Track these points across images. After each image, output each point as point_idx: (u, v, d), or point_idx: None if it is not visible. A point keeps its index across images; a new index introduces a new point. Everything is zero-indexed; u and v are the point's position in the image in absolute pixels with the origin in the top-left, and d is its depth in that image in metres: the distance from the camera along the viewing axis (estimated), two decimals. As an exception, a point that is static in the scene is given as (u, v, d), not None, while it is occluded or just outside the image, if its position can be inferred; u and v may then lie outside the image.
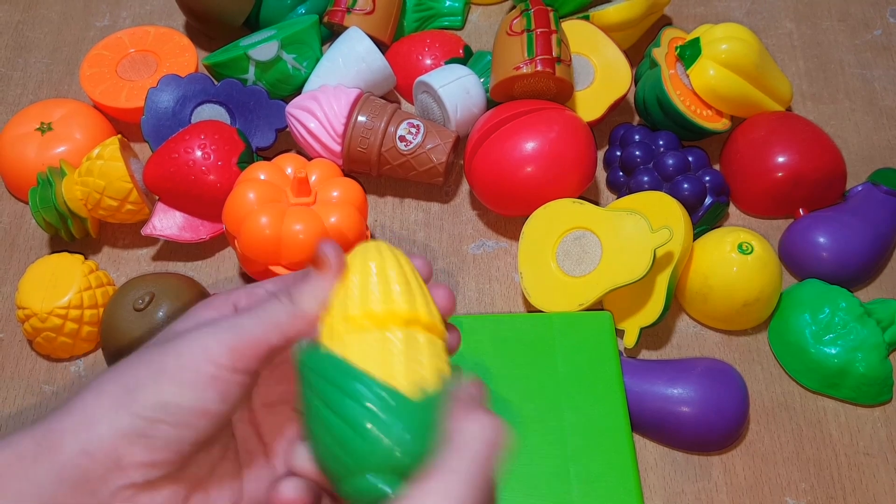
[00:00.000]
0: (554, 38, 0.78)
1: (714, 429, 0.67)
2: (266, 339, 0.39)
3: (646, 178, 0.79)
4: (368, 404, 0.36)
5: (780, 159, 0.78)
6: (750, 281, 0.71)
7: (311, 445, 0.38)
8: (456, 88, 0.82)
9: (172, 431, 0.37)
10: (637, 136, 0.82)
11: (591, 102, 0.83)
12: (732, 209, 0.83)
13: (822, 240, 0.75)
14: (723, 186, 0.79)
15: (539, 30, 0.78)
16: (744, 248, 0.71)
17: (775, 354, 0.74)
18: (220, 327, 0.39)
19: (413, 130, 0.80)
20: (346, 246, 0.71)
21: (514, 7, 0.84)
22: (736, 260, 0.71)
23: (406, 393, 0.36)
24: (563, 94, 0.79)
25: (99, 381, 0.38)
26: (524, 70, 0.76)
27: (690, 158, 0.80)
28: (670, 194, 0.78)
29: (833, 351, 0.70)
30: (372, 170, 0.82)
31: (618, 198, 0.83)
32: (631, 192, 0.80)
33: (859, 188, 0.80)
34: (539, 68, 0.76)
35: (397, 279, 0.40)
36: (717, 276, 0.71)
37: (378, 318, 0.38)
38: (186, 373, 0.38)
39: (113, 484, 0.36)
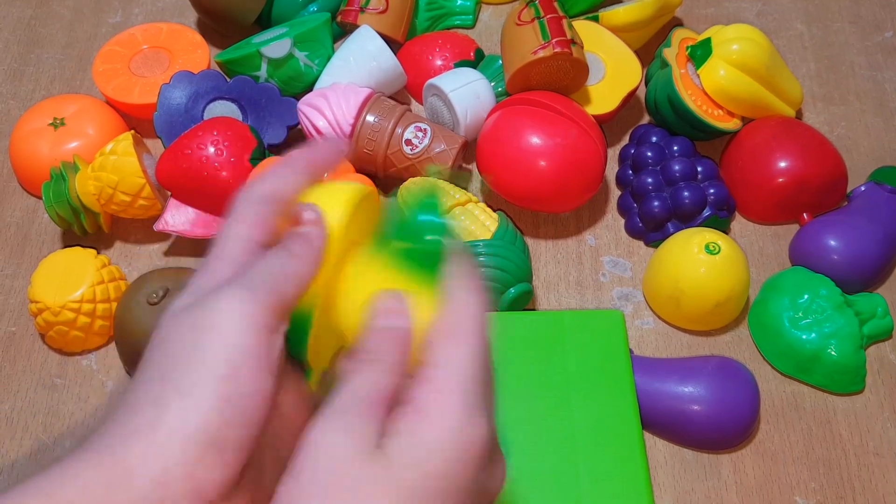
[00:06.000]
0: (565, 22, 0.78)
1: (724, 427, 0.67)
2: (282, 289, 0.37)
3: (650, 180, 0.80)
4: None
5: (782, 164, 0.78)
6: (720, 281, 0.71)
7: None
8: (467, 93, 0.82)
9: (240, 432, 0.34)
10: (654, 138, 0.83)
11: (605, 96, 0.83)
12: (737, 219, 0.83)
13: (833, 243, 0.75)
14: (726, 201, 0.79)
15: (549, 16, 0.78)
16: (711, 248, 0.71)
17: (753, 337, 0.74)
18: (235, 286, 0.36)
19: (420, 135, 0.80)
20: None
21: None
22: (704, 261, 0.71)
23: None
24: (579, 76, 0.80)
25: (146, 386, 0.35)
26: (541, 54, 0.77)
27: (699, 168, 0.80)
28: (671, 200, 0.78)
29: (807, 336, 0.70)
30: (378, 171, 0.82)
31: (622, 194, 0.83)
32: (634, 190, 0.81)
33: (862, 188, 0.80)
34: (557, 50, 0.76)
35: None
36: (687, 280, 0.72)
37: None
38: (233, 351, 0.35)
39: None
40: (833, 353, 0.69)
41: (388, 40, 0.89)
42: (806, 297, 0.72)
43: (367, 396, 0.36)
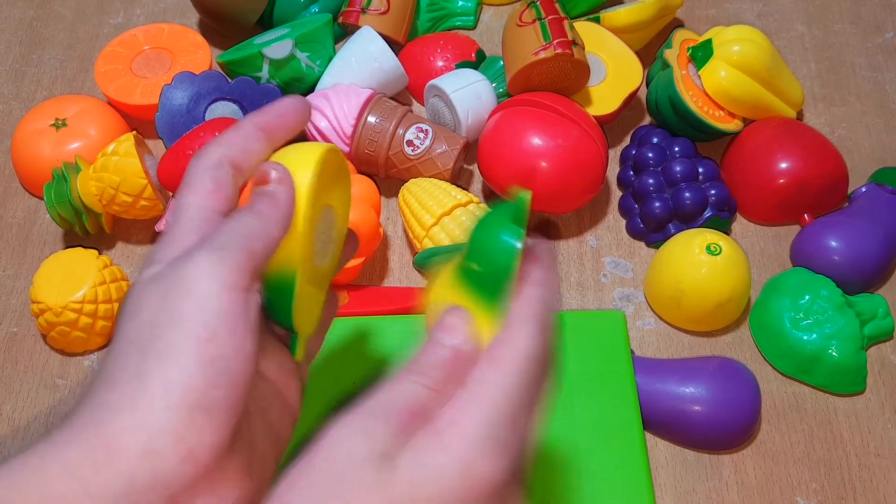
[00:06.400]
0: (566, 23, 0.78)
1: (726, 428, 0.67)
2: (249, 247, 0.37)
3: (651, 181, 0.80)
4: None
5: (783, 165, 0.79)
6: (721, 281, 0.71)
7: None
8: (468, 94, 0.82)
9: (225, 392, 0.34)
10: (655, 139, 0.83)
11: (606, 97, 0.83)
12: (738, 220, 0.83)
13: (834, 244, 0.75)
14: (727, 202, 0.79)
15: (550, 17, 0.78)
16: (712, 249, 0.71)
17: (754, 338, 0.75)
18: (202, 249, 0.36)
19: (421, 135, 0.80)
20: (361, 242, 0.72)
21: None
22: (706, 262, 0.71)
23: None
24: (580, 77, 0.80)
25: (124, 358, 0.34)
26: (543, 55, 0.77)
27: (701, 169, 0.80)
28: (672, 201, 0.78)
29: (808, 337, 0.70)
30: (379, 171, 0.82)
31: (623, 195, 0.83)
32: (636, 191, 0.81)
33: (863, 189, 0.80)
34: (558, 51, 0.76)
35: None
36: (688, 280, 0.72)
37: None
38: (209, 313, 0.34)
39: (188, 479, 0.33)
40: (834, 353, 0.69)
41: (390, 41, 0.89)
42: (807, 297, 0.72)
43: (397, 406, 0.35)
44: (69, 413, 0.34)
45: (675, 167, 0.79)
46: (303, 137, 0.84)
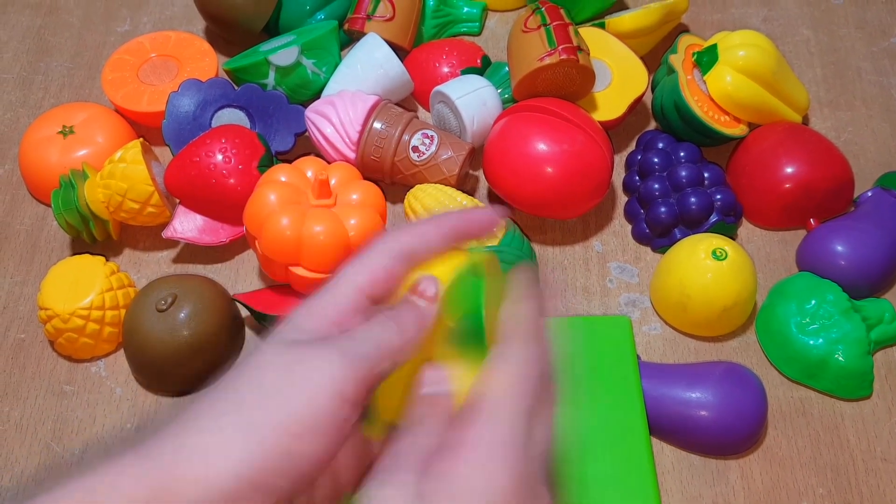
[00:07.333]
0: (571, 29, 0.79)
1: (732, 433, 0.67)
2: (380, 365, 0.37)
3: (656, 186, 0.80)
4: None
5: (789, 170, 0.79)
6: (727, 286, 0.71)
7: None
8: (473, 100, 0.82)
9: (286, 485, 0.34)
10: (661, 144, 0.83)
11: (611, 102, 0.84)
12: (744, 225, 0.83)
13: (840, 248, 0.75)
14: (733, 207, 0.80)
15: (555, 23, 0.79)
16: (718, 254, 0.71)
17: (760, 343, 0.75)
18: (338, 350, 0.36)
19: (427, 141, 0.80)
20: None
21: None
22: (711, 266, 0.71)
23: None
24: (585, 83, 0.80)
25: (217, 405, 0.35)
26: (548, 61, 0.77)
27: (706, 174, 0.80)
28: (678, 206, 0.78)
29: (815, 342, 0.70)
30: (385, 177, 0.82)
31: (629, 200, 0.83)
32: (641, 196, 0.81)
33: (869, 194, 0.80)
34: (563, 57, 0.77)
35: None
36: (694, 285, 0.72)
37: None
38: (309, 410, 0.35)
39: None
40: (840, 358, 0.69)
41: (395, 48, 0.89)
42: (813, 302, 0.72)
43: (414, 454, 0.36)
44: (142, 434, 0.35)
45: (680, 172, 0.79)
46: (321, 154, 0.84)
